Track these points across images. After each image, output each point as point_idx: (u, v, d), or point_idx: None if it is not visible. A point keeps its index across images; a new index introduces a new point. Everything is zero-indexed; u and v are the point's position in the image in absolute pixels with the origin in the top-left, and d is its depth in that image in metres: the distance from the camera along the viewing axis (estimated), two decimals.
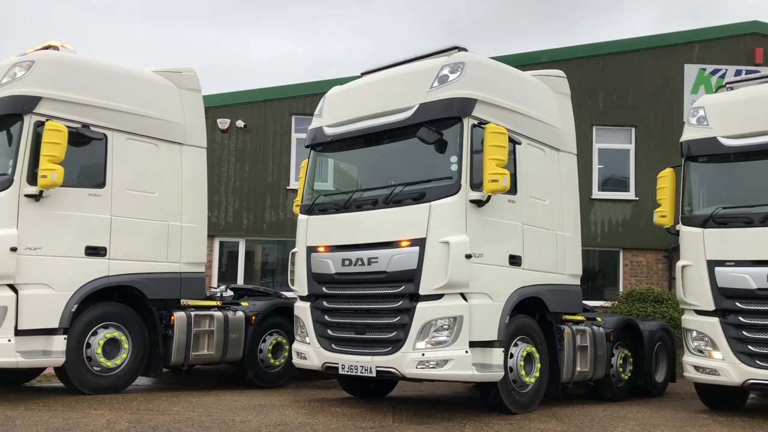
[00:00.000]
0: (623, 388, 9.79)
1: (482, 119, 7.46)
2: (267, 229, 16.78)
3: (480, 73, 7.72)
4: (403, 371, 7.19)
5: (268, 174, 16.90)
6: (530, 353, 7.87)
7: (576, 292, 8.96)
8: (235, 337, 9.50)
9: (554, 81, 9.12)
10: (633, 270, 16.82)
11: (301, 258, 8.29)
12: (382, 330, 7.46)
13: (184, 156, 9.44)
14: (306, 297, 8.20)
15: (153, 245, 8.92)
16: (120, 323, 8.51)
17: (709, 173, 8.80)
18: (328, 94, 8.81)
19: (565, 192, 8.88)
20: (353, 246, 7.76)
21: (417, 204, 7.36)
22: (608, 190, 17.06)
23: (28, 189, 7.77)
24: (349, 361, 7.58)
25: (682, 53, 17.19)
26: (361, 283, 7.69)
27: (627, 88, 17.08)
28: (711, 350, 8.23)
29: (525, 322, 7.94)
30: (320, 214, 8.26)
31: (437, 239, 7.14)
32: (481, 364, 7.16)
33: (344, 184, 9.16)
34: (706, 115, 8.71)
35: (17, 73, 8.04)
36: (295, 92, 17.08)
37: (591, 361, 8.85)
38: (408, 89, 7.78)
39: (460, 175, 7.27)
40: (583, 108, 15.43)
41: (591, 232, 16.41)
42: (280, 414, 7.40)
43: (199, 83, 9.81)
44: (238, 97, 17.15)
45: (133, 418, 6.82)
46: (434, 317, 7.11)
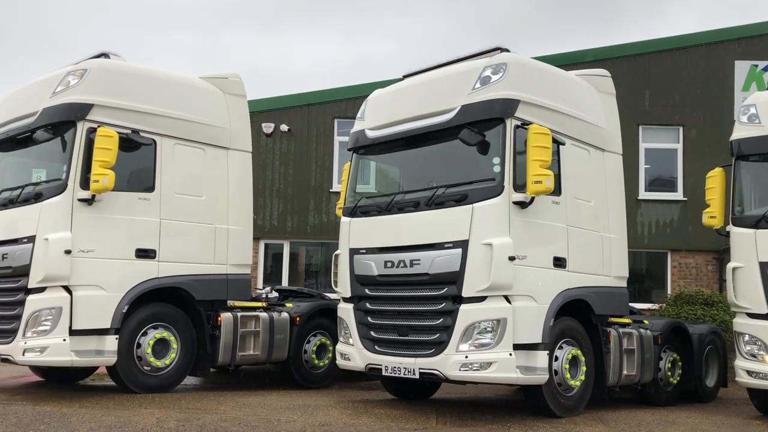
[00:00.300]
0: (672, 393, 9.58)
1: (525, 120, 7.42)
2: (310, 232, 16.96)
3: (523, 74, 7.67)
4: (446, 373, 7.19)
5: (311, 177, 17.09)
6: (575, 356, 7.77)
7: (622, 295, 8.82)
8: (280, 338, 9.63)
9: (599, 80, 9.00)
10: (681, 272, 16.44)
11: (344, 260, 8.37)
12: (425, 332, 7.47)
13: (230, 160, 9.62)
14: (349, 298, 8.27)
15: (200, 247, 9.11)
16: (169, 324, 8.71)
17: (760, 172, 8.56)
18: (370, 97, 8.87)
19: (611, 193, 8.75)
20: (395, 248, 7.80)
21: (459, 206, 7.35)
22: (655, 190, 16.72)
23: (81, 193, 8.02)
24: (392, 363, 7.61)
25: (732, 49, 16.74)
26: (403, 285, 7.72)
27: (674, 86, 16.72)
28: (764, 354, 8.01)
29: (570, 325, 7.85)
30: (363, 217, 8.31)
31: (480, 241, 7.12)
32: (526, 366, 7.11)
33: (386, 187, 9.20)
34: (757, 113, 8.48)
35: (71, 81, 8.32)
36: (337, 96, 17.25)
37: (638, 365, 8.69)
38: (450, 91, 7.78)
39: (503, 177, 7.24)
40: (629, 107, 15.16)
41: (638, 234, 16.11)
42: (325, 414, 7.48)
43: (245, 88, 9.99)
44: (282, 101, 17.40)
45: (182, 416, 6.98)
46: (477, 319, 7.09)
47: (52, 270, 7.78)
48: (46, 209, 7.99)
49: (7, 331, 8.06)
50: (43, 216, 7.97)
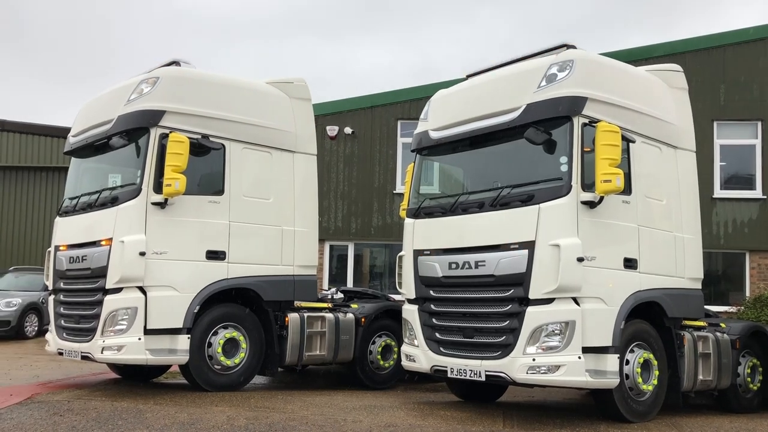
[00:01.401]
0: (751, 399, 9.16)
1: (593, 117, 7.24)
2: (374, 233, 17.06)
3: (590, 70, 7.49)
4: (513, 376, 7.09)
5: (375, 179, 17.19)
6: (647, 360, 7.54)
7: (697, 297, 8.50)
8: (346, 339, 9.71)
9: (670, 75, 8.71)
10: (761, 273, 15.71)
11: (408, 261, 8.37)
12: (491, 334, 7.39)
13: (296, 163, 9.77)
14: (414, 300, 8.26)
15: (268, 249, 9.28)
16: (238, 324, 8.91)
17: None
18: (434, 98, 8.85)
19: (684, 191, 8.45)
20: (460, 249, 7.74)
21: (525, 206, 7.24)
22: (732, 188, 16.05)
23: (154, 197, 8.30)
24: (458, 365, 7.56)
25: None
26: (468, 287, 7.66)
27: (751, 79, 16.01)
28: None
29: (642, 328, 7.62)
30: (426, 218, 8.30)
31: (547, 242, 6.99)
32: (595, 370, 6.94)
33: (450, 188, 9.15)
34: None
35: (144, 89, 8.63)
36: (400, 98, 17.30)
37: (714, 370, 8.35)
38: (515, 89, 7.67)
39: (570, 176, 7.09)
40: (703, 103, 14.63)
41: (713, 234, 15.50)
42: (391, 415, 7.49)
43: (309, 92, 10.14)
44: (346, 104, 17.59)
45: (251, 415, 7.13)
46: (545, 322, 6.97)
47: (128, 271, 8.08)
48: (121, 213, 8.31)
49: (87, 330, 8.43)
50: (119, 219, 8.29)
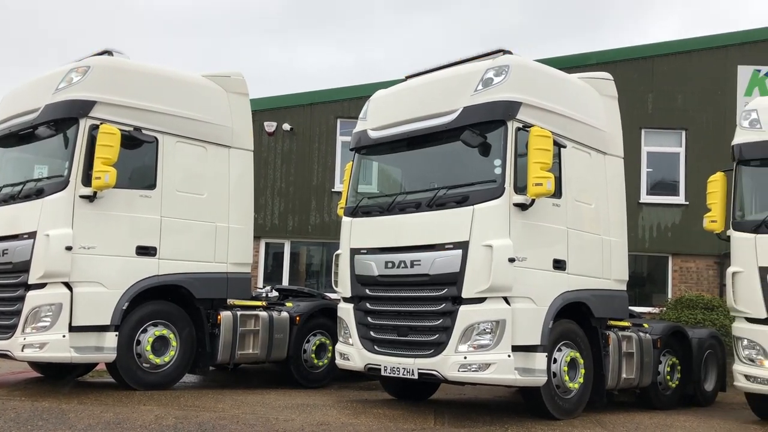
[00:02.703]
0: (671, 396, 9.58)
1: (527, 122, 7.42)
2: (312, 231, 16.98)
3: (525, 76, 7.68)
4: (445, 374, 7.20)
5: (313, 176, 17.11)
6: (574, 359, 7.78)
7: (622, 298, 8.82)
8: (280, 337, 9.64)
9: (601, 83, 9.00)
10: (682, 276, 16.43)
11: (344, 260, 8.38)
12: (425, 332, 7.48)
13: (232, 159, 9.63)
14: (349, 298, 8.28)
15: (201, 246, 9.12)
16: (169, 321, 8.72)
17: (761, 177, 8.55)
18: (373, 98, 8.88)
19: (612, 196, 8.76)
20: (396, 248, 7.81)
21: (460, 207, 7.36)
22: (657, 194, 16.72)
23: (82, 190, 8.04)
24: (392, 363, 7.62)
25: (735, 54, 16.74)
26: (403, 286, 7.73)
27: (677, 90, 16.72)
28: (763, 359, 8.00)
29: (569, 327, 7.86)
30: (364, 217, 8.33)
31: (480, 242, 7.13)
32: (524, 368, 7.12)
33: (388, 187, 9.20)
34: (759, 118, 8.48)
35: (74, 78, 8.34)
36: (340, 96, 17.27)
37: (637, 368, 8.69)
38: (452, 92, 7.79)
39: (504, 179, 7.25)
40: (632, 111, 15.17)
41: (639, 237, 16.11)
42: (323, 414, 7.49)
43: (247, 87, 10.00)
44: (285, 100, 17.43)
45: (181, 414, 7.00)
46: (477, 321, 7.10)
47: (53, 266, 7.79)
48: (47, 205, 8.01)
49: (6, 327, 8.07)
50: (45, 212, 7.99)
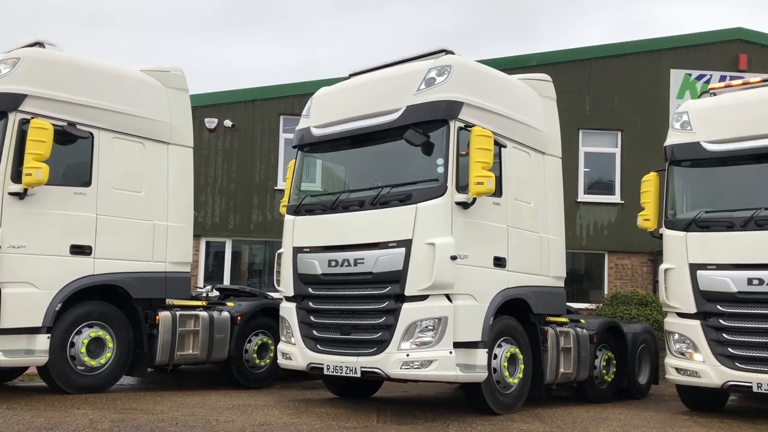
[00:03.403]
0: (606, 390, 9.86)
1: (468, 122, 7.52)
2: (254, 230, 16.78)
3: (466, 76, 7.77)
4: (387, 372, 7.22)
5: (255, 174, 16.90)
6: (514, 354, 7.92)
7: (560, 294, 9.03)
8: (221, 338, 9.50)
9: (540, 85, 9.19)
10: (618, 273, 16.95)
11: (287, 258, 8.31)
12: (368, 331, 7.49)
13: (171, 155, 9.42)
14: (292, 297, 8.22)
15: (138, 244, 8.89)
16: (105, 322, 8.47)
17: (692, 177, 8.89)
18: (316, 95, 8.83)
19: (550, 195, 8.95)
20: (340, 247, 7.79)
21: (403, 205, 7.40)
22: (594, 193, 17.20)
23: (12, 187, 7.72)
24: (334, 362, 7.60)
25: (669, 58, 17.37)
26: (347, 284, 7.72)
27: (613, 92, 17.23)
28: (692, 352, 8.33)
29: (509, 324, 8.00)
30: (307, 215, 8.28)
31: (423, 241, 7.18)
32: (465, 364, 7.21)
33: (331, 185, 9.19)
34: (689, 120, 8.80)
35: (2, 70, 8.00)
36: (283, 92, 17.11)
37: (574, 363, 8.92)
38: (395, 91, 7.82)
39: (446, 178, 7.32)
40: (570, 112, 15.54)
41: (576, 235, 16.53)
42: (265, 414, 7.41)
43: (187, 82, 9.80)
44: (226, 96, 17.15)
45: (117, 417, 6.81)
46: (419, 318, 7.15)
47: None
48: None
49: None
50: None
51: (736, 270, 8.05)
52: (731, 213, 8.27)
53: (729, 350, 8.04)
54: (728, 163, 8.53)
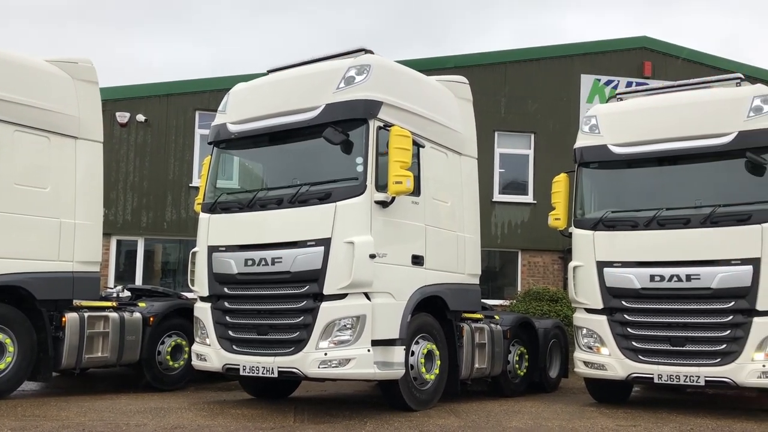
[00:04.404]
0: (519, 384, 10.16)
1: (387, 122, 7.57)
2: (168, 228, 16.29)
3: (386, 76, 7.82)
4: (305, 371, 7.18)
5: (169, 171, 16.41)
6: (431, 351, 8.04)
7: (475, 291, 9.23)
8: (132, 339, 9.18)
9: (457, 86, 9.36)
10: (530, 270, 17.50)
11: (201, 258, 8.12)
12: (285, 330, 7.42)
13: (79, 150, 9.01)
14: (207, 298, 8.04)
15: (43, 243, 8.46)
16: (5, 325, 8.01)
17: (599, 179, 9.28)
18: (233, 91, 8.67)
19: (467, 194, 9.14)
20: (257, 246, 7.68)
21: (322, 204, 7.37)
22: (508, 193, 17.68)
23: None
24: (251, 362, 7.49)
25: (579, 64, 18.07)
26: (264, 284, 7.63)
27: (528, 95, 17.76)
28: (599, 346, 8.70)
29: (426, 321, 8.11)
30: (223, 213, 8.12)
31: (342, 239, 7.18)
32: (383, 362, 7.26)
33: (249, 183, 9.04)
34: (597, 124, 9.19)
35: None
36: (199, 87, 16.68)
37: (489, 358, 9.14)
38: (314, 89, 7.78)
39: (365, 176, 7.34)
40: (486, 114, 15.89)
41: (492, 234, 16.94)
42: (178, 417, 7.22)
43: (96, 75, 9.39)
44: (139, 90, 16.56)
45: (17, 425, 6.46)
46: (338, 317, 7.15)
47: None
48: None
49: None
50: None
51: (640, 267, 8.47)
52: (635, 213, 8.69)
53: (633, 344, 8.45)
54: (633, 165, 8.96)
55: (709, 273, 8.07)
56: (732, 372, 7.83)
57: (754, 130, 8.12)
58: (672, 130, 8.59)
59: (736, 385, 7.86)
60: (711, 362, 7.97)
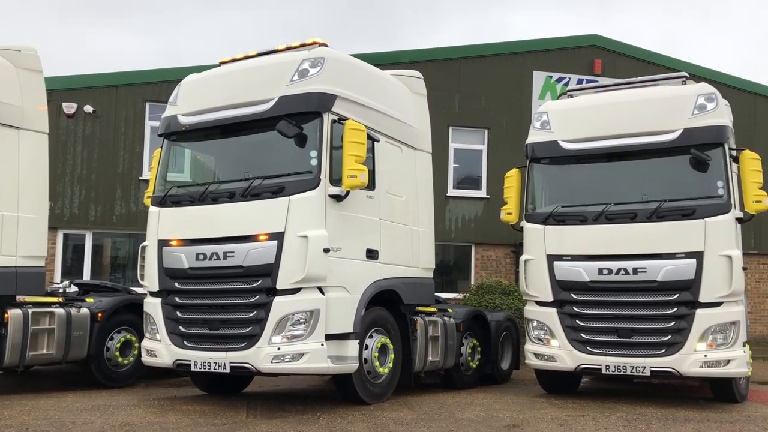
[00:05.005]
0: (472, 376, 10.28)
1: (342, 115, 7.54)
2: (117, 222, 15.93)
3: (340, 69, 7.79)
4: (258, 366, 7.12)
5: (119, 163, 16.04)
6: (385, 344, 8.07)
7: (429, 285, 9.29)
8: (79, 336, 8.95)
9: (411, 81, 9.39)
10: (484, 264, 17.73)
11: (151, 252, 7.97)
12: (238, 325, 7.34)
13: (22, 141, 8.71)
14: (157, 293, 7.90)
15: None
16: None
17: (550, 174, 9.44)
18: (184, 82, 8.51)
19: (421, 189, 9.18)
20: (208, 240, 7.57)
21: (276, 198, 7.31)
22: (463, 188, 17.85)
23: None
24: (202, 358, 7.39)
25: (532, 61, 18.33)
26: (216, 278, 7.53)
27: (481, 91, 17.94)
28: (549, 338, 8.87)
29: (380, 314, 8.13)
30: (173, 207, 7.97)
31: (296, 233, 7.13)
32: (337, 356, 7.26)
33: (201, 176, 8.90)
34: (548, 120, 9.34)
35: None
36: (149, 78, 16.33)
37: (442, 351, 9.22)
38: (268, 81, 7.69)
39: (319, 170, 7.31)
40: (441, 109, 16.00)
41: (446, 228, 17.09)
42: (127, 414, 7.08)
43: (41, 63, 9.08)
44: (87, 80, 16.12)
45: None
46: (291, 311, 7.11)
47: None
48: None
49: None
50: None
51: (589, 261, 8.65)
52: (584, 208, 8.87)
53: (582, 335, 8.63)
54: (583, 161, 9.14)
55: (654, 266, 8.30)
56: (676, 362, 8.09)
57: (698, 128, 8.39)
58: (620, 127, 8.80)
59: (680, 374, 8.12)
60: (656, 353, 8.21)
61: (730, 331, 8.06)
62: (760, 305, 19.36)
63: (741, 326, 8.14)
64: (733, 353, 8.03)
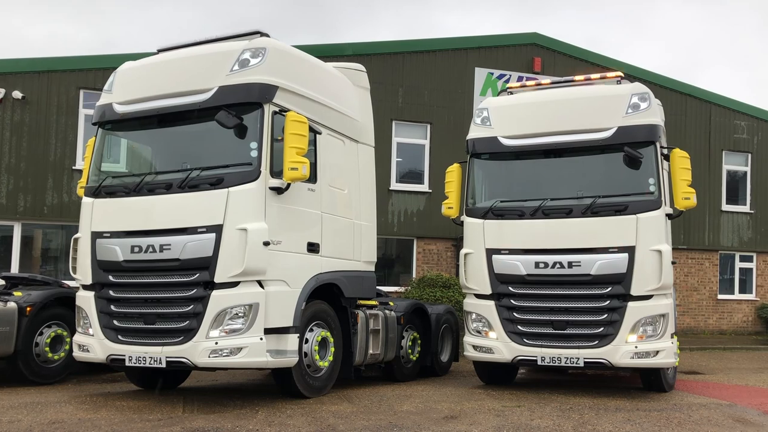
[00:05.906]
0: (412, 369, 10.35)
1: (283, 107, 7.46)
2: (48, 213, 15.37)
3: (282, 60, 7.70)
4: (195, 361, 7.00)
5: (50, 152, 15.47)
6: (325, 338, 8.05)
7: (371, 279, 9.31)
8: (5, 331, 8.60)
9: (354, 74, 9.37)
10: (425, 257, 17.88)
11: (84, 244, 7.72)
12: (174, 319, 7.20)
13: None
14: (90, 286, 7.67)
15: None
16: None
17: (490, 169, 9.57)
18: (120, 69, 8.26)
19: (363, 182, 9.18)
20: (144, 232, 7.39)
21: (214, 189, 7.18)
22: (405, 182, 17.95)
23: None
24: (137, 352, 7.22)
25: (474, 57, 18.56)
26: (151, 272, 7.35)
27: (424, 86, 18.06)
28: (487, 331, 9.01)
29: (321, 308, 8.11)
30: (107, 197, 7.75)
31: (235, 226, 7.03)
32: (276, 350, 7.20)
33: (136, 166, 8.66)
34: (489, 116, 9.47)
35: None
36: (83, 65, 15.79)
37: (382, 344, 9.26)
38: (207, 70, 7.54)
39: (260, 162, 7.21)
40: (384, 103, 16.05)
41: (389, 222, 17.16)
42: (57, 411, 6.85)
43: None
44: (15, 65, 15.46)
45: None
46: (229, 305, 7.01)
47: None
48: None
49: None
50: None
51: (526, 255, 8.83)
52: (522, 203, 9.04)
53: (518, 328, 8.81)
54: (521, 157, 9.31)
55: (588, 260, 8.53)
56: (608, 353, 8.34)
57: (632, 126, 8.65)
58: (558, 125, 9.00)
59: (612, 365, 8.38)
60: (589, 345, 8.45)
61: (660, 323, 8.36)
62: (687, 298, 20.21)
63: (670, 318, 8.46)
64: (662, 344, 8.34)
